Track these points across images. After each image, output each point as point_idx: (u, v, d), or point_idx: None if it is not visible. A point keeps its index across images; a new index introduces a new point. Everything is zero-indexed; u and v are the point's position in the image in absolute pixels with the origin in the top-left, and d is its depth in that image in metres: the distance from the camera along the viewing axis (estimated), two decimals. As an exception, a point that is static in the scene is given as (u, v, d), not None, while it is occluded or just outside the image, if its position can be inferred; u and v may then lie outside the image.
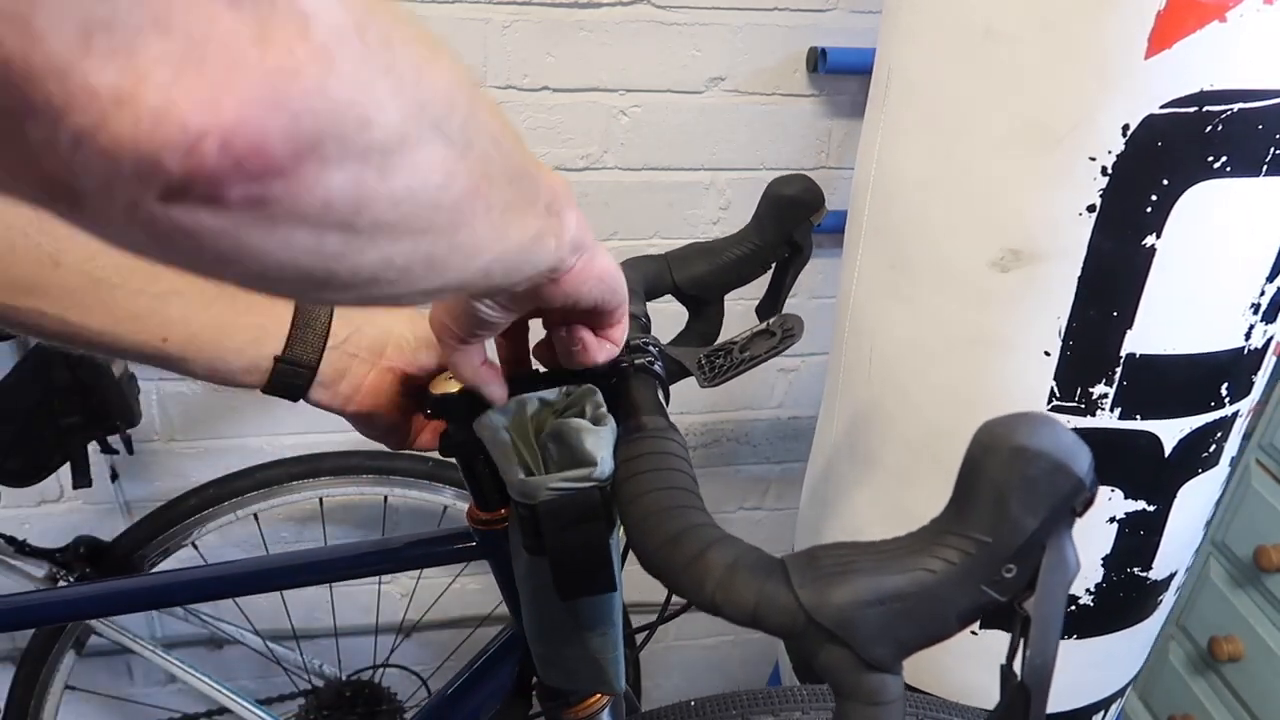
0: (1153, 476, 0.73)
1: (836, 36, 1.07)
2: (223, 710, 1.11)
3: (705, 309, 0.74)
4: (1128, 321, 0.66)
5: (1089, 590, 0.78)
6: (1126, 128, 0.60)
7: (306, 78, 0.20)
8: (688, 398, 1.26)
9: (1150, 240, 0.63)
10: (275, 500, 1.14)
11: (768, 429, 1.34)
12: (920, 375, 0.76)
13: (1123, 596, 0.79)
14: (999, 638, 0.34)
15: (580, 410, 0.50)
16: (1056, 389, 0.69)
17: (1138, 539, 0.76)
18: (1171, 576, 0.83)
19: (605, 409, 0.49)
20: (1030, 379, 0.70)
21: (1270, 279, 0.66)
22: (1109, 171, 0.61)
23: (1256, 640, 1.09)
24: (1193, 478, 0.75)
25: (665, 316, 0.71)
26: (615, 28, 1.03)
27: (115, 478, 1.15)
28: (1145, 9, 0.56)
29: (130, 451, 1.07)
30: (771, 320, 0.57)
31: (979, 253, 0.68)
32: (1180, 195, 0.61)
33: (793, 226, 0.71)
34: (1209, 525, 0.86)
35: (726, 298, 0.75)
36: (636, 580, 0.49)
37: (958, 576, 0.32)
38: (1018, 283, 0.67)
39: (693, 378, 0.58)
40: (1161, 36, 0.56)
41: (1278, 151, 0.60)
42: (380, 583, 1.31)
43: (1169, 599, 0.86)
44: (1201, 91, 0.58)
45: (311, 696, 1.19)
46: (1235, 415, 0.74)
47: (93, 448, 1.02)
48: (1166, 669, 1.24)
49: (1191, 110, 0.58)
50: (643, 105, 1.08)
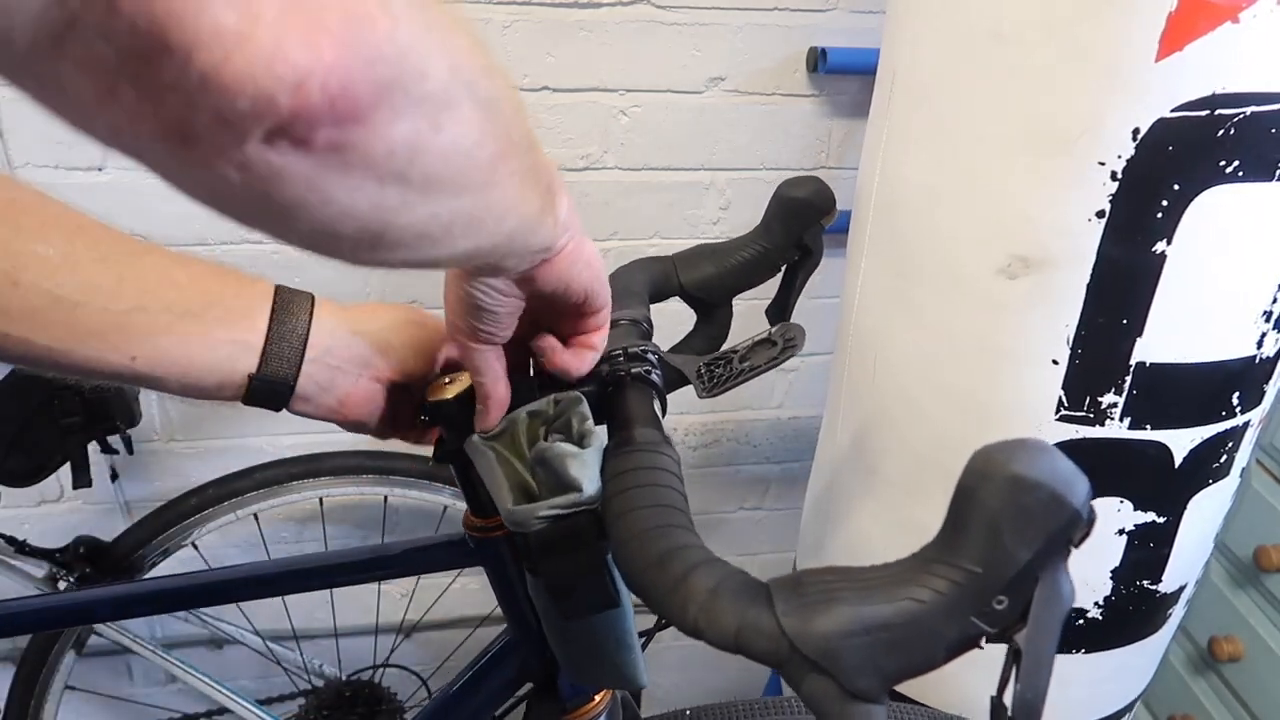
0: (1162, 488, 0.72)
1: (836, 36, 1.06)
2: (223, 710, 1.11)
3: (713, 312, 0.74)
4: (1138, 329, 0.64)
5: (1097, 604, 0.77)
6: (1136, 132, 0.58)
7: (380, 25, 0.21)
8: (689, 398, 1.25)
9: (1161, 246, 0.61)
10: (275, 500, 1.14)
11: (768, 429, 1.33)
12: (926, 384, 0.75)
13: (1132, 610, 0.78)
14: (999, 649, 0.34)
15: (566, 423, 0.49)
16: (1065, 398, 0.68)
17: (1147, 551, 0.75)
18: (1181, 589, 0.81)
19: (591, 422, 0.48)
20: (1038, 388, 0.68)
21: (1283, 286, 0.65)
22: (1119, 177, 0.60)
23: (1256, 640, 1.08)
24: (1203, 489, 0.74)
25: (666, 316, 0.70)
26: (615, 28, 1.02)
27: (115, 478, 1.16)
28: (1156, 10, 0.55)
29: (130, 451, 1.07)
30: (773, 329, 0.56)
31: (986, 260, 0.67)
32: (1191, 201, 0.59)
33: (803, 229, 0.70)
34: (1218, 533, 0.84)
35: (735, 296, 0.74)
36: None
37: (946, 607, 0.31)
38: (1026, 290, 0.66)
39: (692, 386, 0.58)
40: (1172, 38, 0.55)
41: (1292, 156, 0.59)
42: (380, 583, 1.31)
43: (1178, 612, 0.84)
44: (1213, 95, 0.56)
45: (311, 696, 1.19)
46: (1246, 425, 0.73)
47: (93, 448, 1.02)
48: (1166, 669, 1.23)
49: (1203, 114, 0.57)
50: (643, 105, 1.07)
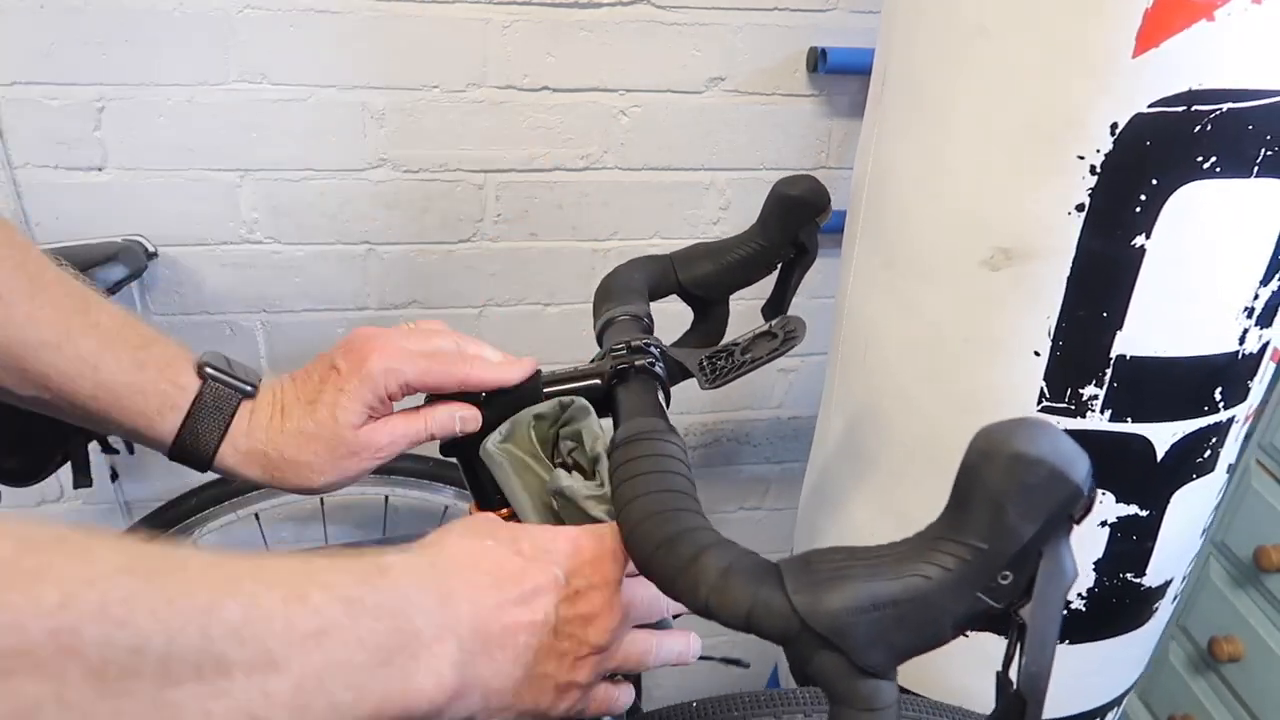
0: (1145, 481, 0.73)
1: (836, 36, 1.07)
2: (223, 709, 1.11)
3: (710, 309, 0.74)
4: (1117, 323, 0.66)
5: (1081, 595, 0.78)
6: (1115, 126, 0.59)
7: None
8: (688, 397, 1.26)
9: (1140, 240, 0.63)
10: (276, 500, 1.15)
11: (768, 429, 1.34)
12: (914, 375, 0.76)
13: (1116, 603, 0.79)
14: (996, 640, 0.34)
15: (576, 433, 0.50)
16: (1046, 390, 0.69)
17: (1130, 544, 0.76)
18: (1167, 584, 0.82)
19: (604, 439, 0.49)
20: (1020, 379, 0.70)
21: (1264, 282, 0.66)
22: (1097, 170, 0.61)
23: (1256, 640, 1.09)
24: (1187, 483, 0.75)
25: (667, 317, 0.71)
26: (615, 28, 1.03)
27: (115, 478, 1.16)
28: (1133, 7, 0.56)
29: (131, 451, 1.08)
30: (774, 322, 0.57)
31: (969, 251, 0.68)
32: (1170, 195, 0.61)
33: (798, 227, 0.71)
34: (1207, 530, 0.85)
35: (731, 296, 0.75)
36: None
37: (953, 583, 0.32)
38: (1008, 282, 0.67)
39: (694, 379, 0.58)
40: (1149, 35, 0.56)
41: (1269, 152, 0.60)
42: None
43: (1166, 607, 0.85)
44: (1190, 91, 0.57)
45: (312, 695, 1.19)
46: (1231, 421, 0.74)
47: (93, 447, 1.02)
48: (1166, 669, 1.24)
49: (1180, 109, 0.58)
50: (643, 105, 1.08)
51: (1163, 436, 0.71)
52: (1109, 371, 0.67)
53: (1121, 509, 0.74)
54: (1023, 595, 0.33)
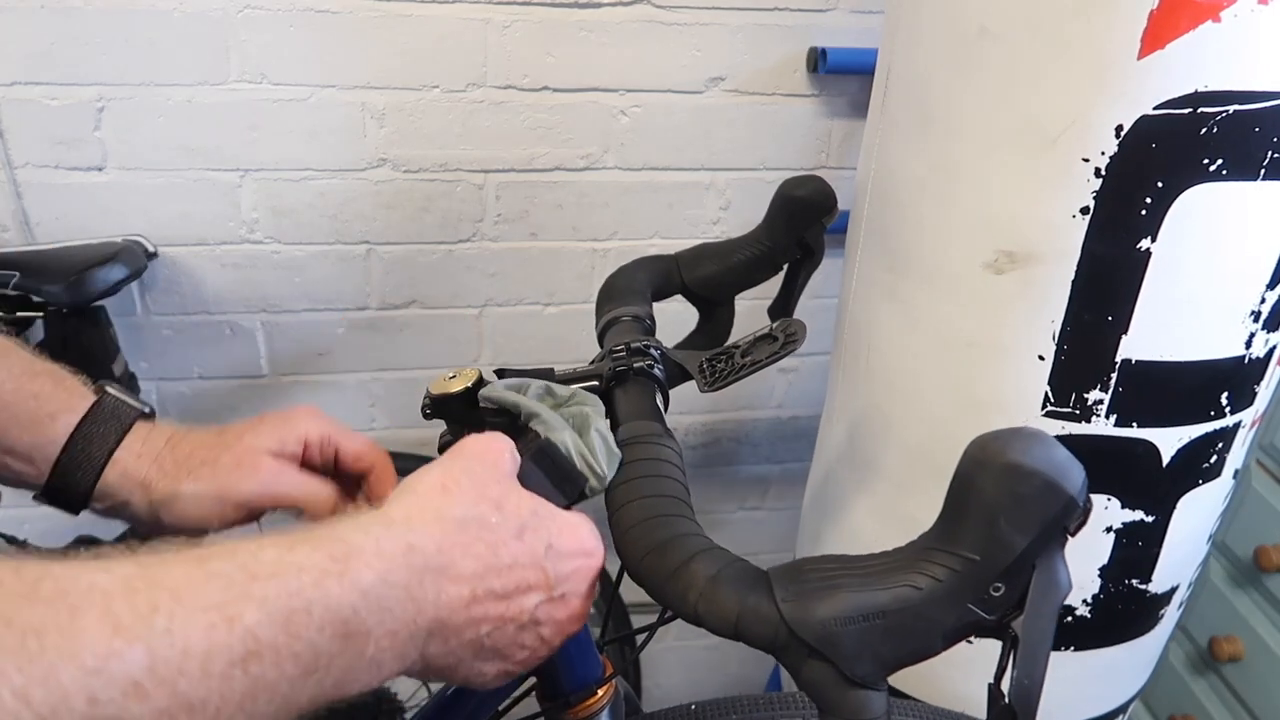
0: (1151, 486, 0.72)
1: (836, 36, 1.07)
2: (223, 709, 1.11)
3: (715, 310, 0.74)
4: (1123, 326, 0.65)
5: (1086, 602, 0.77)
6: (1120, 129, 0.59)
7: None
8: (688, 397, 1.26)
9: (1145, 244, 0.62)
10: (275, 500, 1.15)
11: (768, 429, 1.33)
12: (916, 379, 0.76)
13: (1121, 609, 0.78)
14: (993, 645, 0.34)
15: (583, 417, 0.49)
16: (1051, 394, 0.69)
17: (1136, 550, 0.75)
18: (1173, 590, 0.82)
19: (606, 429, 0.49)
20: (1024, 383, 0.69)
21: (1271, 286, 0.65)
22: (1102, 173, 0.60)
23: (1256, 640, 1.08)
24: (1193, 489, 0.74)
25: (667, 317, 0.70)
26: (615, 28, 1.03)
27: (116, 477, 1.16)
28: (1138, 9, 0.55)
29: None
30: (774, 325, 0.57)
31: (973, 255, 0.68)
32: (1175, 198, 0.60)
33: (804, 228, 0.70)
34: (1211, 535, 0.84)
35: (738, 296, 0.74)
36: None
37: (943, 594, 0.32)
38: (1012, 285, 0.67)
39: (694, 381, 0.58)
40: (1155, 36, 0.56)
41: (1275, 155, 0.59)
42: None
43: (1172, 613, 0.84)
44: (1196, 93, 0.57)
45: (312, 695, 1.19)
46: (1238, 426, 0.73)
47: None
48: (1166, 669, 1.23)
49: (1185, 112, 0.57)
50: (643, 105, 1.08)
51: (1169, 441, 0.70)
52: (1114, 376, 0.67)
53: (1127, 515, 0.73)
54: (1015, 607, 0.32)
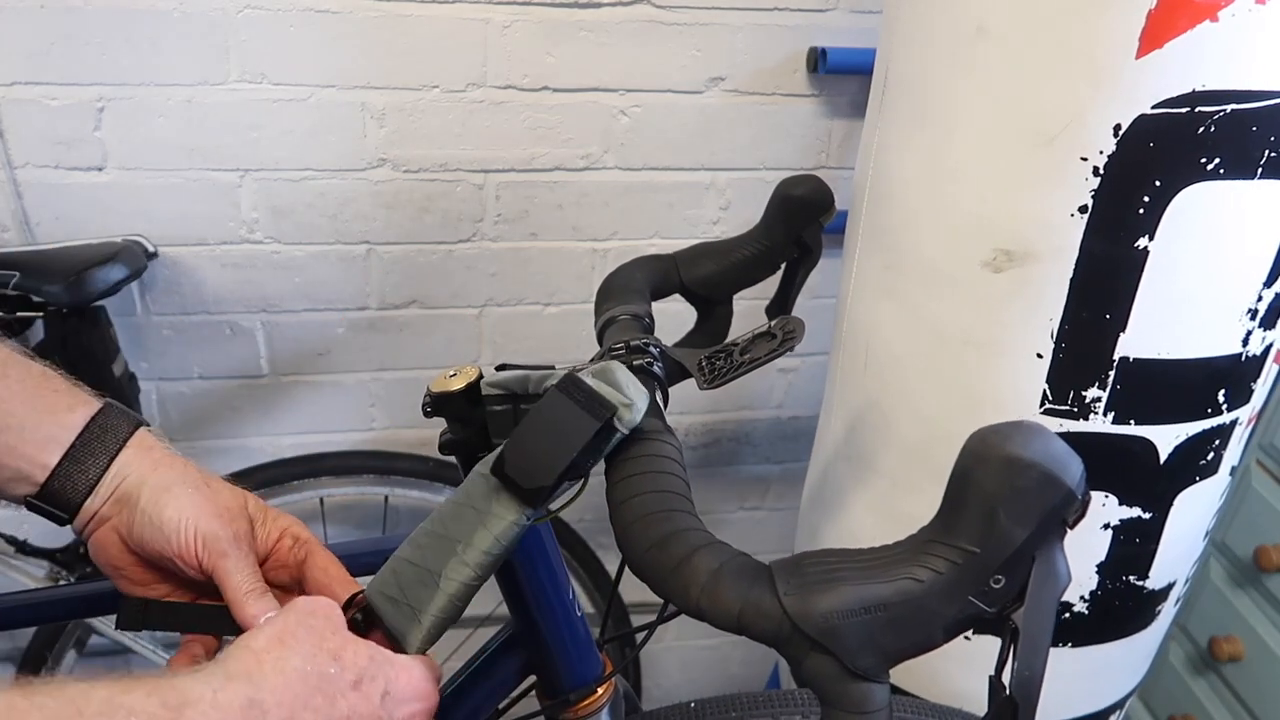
0: (1148, 483, 0.73)
1: (836, 36, 1.07)
2: (223, 709, 1.11)
3: (713, 309, 0.74)
4: (1121, 324, 0.65)
5: (1083, 598, 0.78)
6: (1118, 128, 0.59)
7: None
8: (688, 397, 1.26)
9: (1143, 242, 0.62)
10: (275, 500, 1.15)
11: (768, 429, 1.34)
12: (914, 377, 0.76)
13: (1119, 605, 0.79)
14: (992, 641, 0.34)
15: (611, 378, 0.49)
16: (1049, 392, 0.69)
17: (1133, 547, 0.76)
18: (1170, 587, 0.82)
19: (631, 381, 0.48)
20: (1022, 381, 0.69)
21: (1268, 284, 0.65)
22: (1100, 172, 0.61)
23: (1256, 640, 1.08)
24: (1190, 485, 0.74)
25: (667, 317, 0.71)
26: (615, 28, 1.03)
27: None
28: (1137, 8, 0.56)
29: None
30: (773, 323, 0.57)
31: (971, 253, 0.68)
32: (1173, 197, 0.61)
33: (802, 227, 0.70)
34: (1209, 531, 0.85)
35: (736, 296, 0.74)
36: (637, 580, 0.49)
37: (944, 587, 0.32)
38: (1010, 284, 0.67)
39: (693, 379, 0.58)
40: (1153, 36, 0.56)
41: (1272, 154, 0.59)
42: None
43: (1169, 610, 0.85)
44: (1193, 92, 0.57)
45: (311, 695, 1.19)
46: (1234, 423, 0.74)
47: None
48: (1166, 669, 1.23)
49: (1183, 111, 0.58)
50: (643, 105, 1.08)
51: (1166, 439, 0.70)
52: (1112, 373, 0.67)
53: (1124, 511, 0.73)
54: (1015, 599, 0.32)
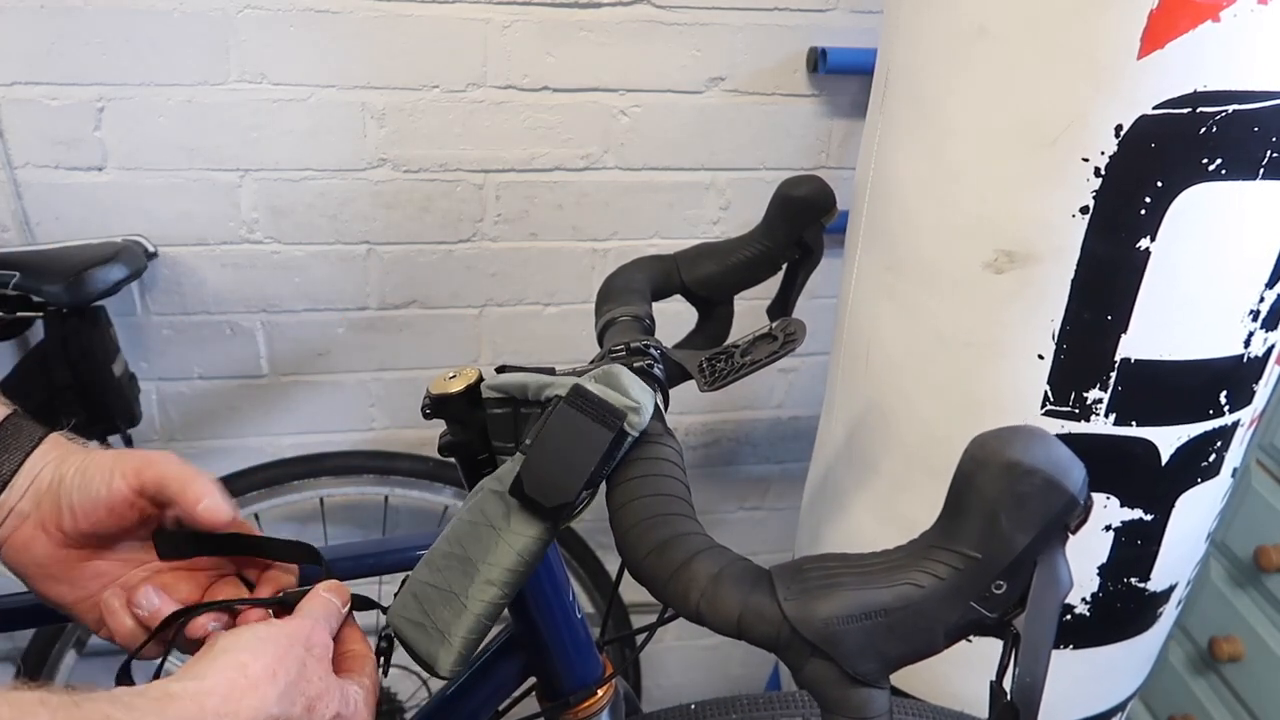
0: (1150, 485, 0.72)
1: (836, 36, 1.07)
2: (223, 709, 1.11)
3: (714, 310, 0.74)
4: (1122, 325, 0.65)
5: (1085, 600, 0.77)
6: (1119, 128, 0.59)
7: None
8: (689, 397, 1.26)
9: (1144, 243, 0.62)
10: (275, 500, 1.15)
11: (768, 429, 1.34)
12: (915, 378, 0.76)
13: (1120, 607, 0.79)
14: (993, 644, 0.34)
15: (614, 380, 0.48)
16: (1050, 393, 0.69)
17: (1135, 548, 0.75)
18: (1172, 589, 0.82)
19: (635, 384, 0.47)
20: (1023, 383, 0.69)
21: (1270, 285, 0.65)
22: (1102, 173, 0.61)
23: (1256, 640, 1.08)
24: (1192, 487, 0.74)
25: (667, 318, 0.70)
26: (615, 28, 1.03)
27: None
28: (1138, 8, 0.56)
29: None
30: (774, 324, 0.57)
31: (972, 254, 0.68)
32: (1175, 198, 0.60)
33: (803, 228, 0.70)
34: (1210, 532, 0.85)
35: (737, 296, 0.74)
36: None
37: (945, 592, 0.32)
38: (1011, 285, 0.67)
39: (694, 380, 0.58)
40: (1154, 36, 0.56)
41: (1274, 155, 0.59)
42: (381, 582, 1.31)
43: (1170, 612, 0.85)
44: (1195, 92, 0.57)
45: (312, 695, 1.19)
46: (1236, 425, 0.73)
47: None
48: (1166, 669, 1.23)
49: (1185, 111, 0.58)
50: (643, 105, 1.08)
51: (1167, 440, 0.70)
52: (1113, 375, 0.67)
53: (1126, 513, 0.73)
54: (1017, 605, 0.32)
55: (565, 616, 0.60)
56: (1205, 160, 0.59)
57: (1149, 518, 0.74)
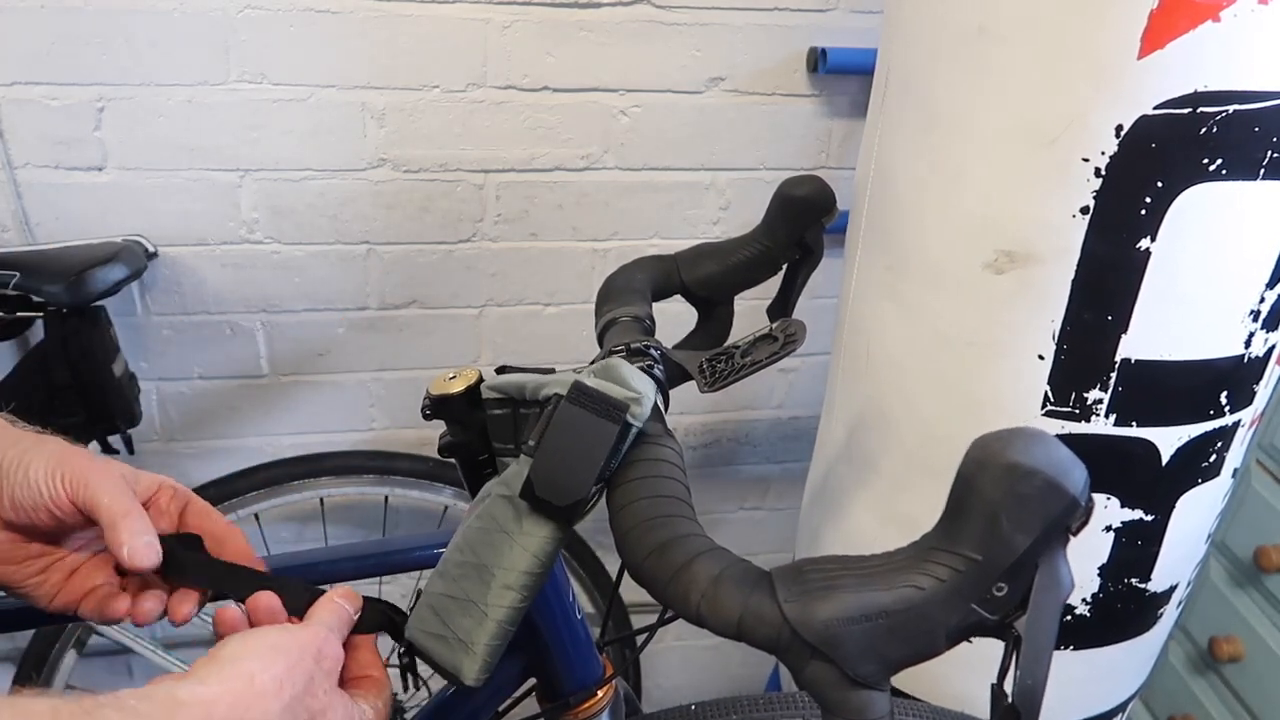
0: (1150, 485, 0.72)
1: (836, 36, 1.07)
2: (223, 709, 1.11)
3: (714, 310, 0.74)
4: (1123, 326, 0.65)
5: (1085, 601, 0.77)
6: (1120, 128, 0.59)
7: None
8: (689, 397, 1.26)
9: (1145, 243, 0.62)
10: (275, 500, 1.15)
11: (768, 429, 1.34)
12: (915, 378, 0.76)
13: (1121, 608, 0.79)
14: (994, 644, 0.34)
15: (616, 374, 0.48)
16: (1050, 394, 0.69)
17: (1135, 549, 0.75)
18: (1172, 589, 0.82)
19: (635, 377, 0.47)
20: (1024, 383, 0.69)
21: (1270, 285, 0.65)
22: (1102, 173, 0.61)
23: (1256, 640, 1.08)
24: (1192, 488, 0.74)
25: (667, 318, 0.70)
26: (615, 28, 1.03)
27: (116, 477, 1.16)
28: (1138, 8, 0.56)
29: (130, 451, 1.08)
30: (774, 325, 0.57)
31: (973, 254, 0.68)
32: (1175, 198, 0.60)
33: (804, 228, 0.70)
34: (1210, 534, 0.85)
35: (737, 296, 0.74)
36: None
37: (946, 594, 0.32)
38: (1011, 285, 0.67)
39: (694, 381, 0.58)
40: (1155, 36, 0.56)
41: (1275, 155, 0.59)
42: (381, 583, 1.31)
43: (1171, 612, 0.85)
44: (1195, 92, 0.57)
45: (312, 695, 1.19)
46: (1237, 425, 0.73)
47: (93, 447, 1.02)
48: (1166, 669, 1.23)
49: (1185, 111, 0.58)
50: (643, 105, 1.08)
51: (1168, 441, 0.70)
52: (1114, 375, 0.67)
53: (1126, 514, 0.73)
54: (1018, 607, 0.32)
55: (565, 617, 0.60)
56: (1206, 160, 0.59)
57: (1149, 518, 0.74)
